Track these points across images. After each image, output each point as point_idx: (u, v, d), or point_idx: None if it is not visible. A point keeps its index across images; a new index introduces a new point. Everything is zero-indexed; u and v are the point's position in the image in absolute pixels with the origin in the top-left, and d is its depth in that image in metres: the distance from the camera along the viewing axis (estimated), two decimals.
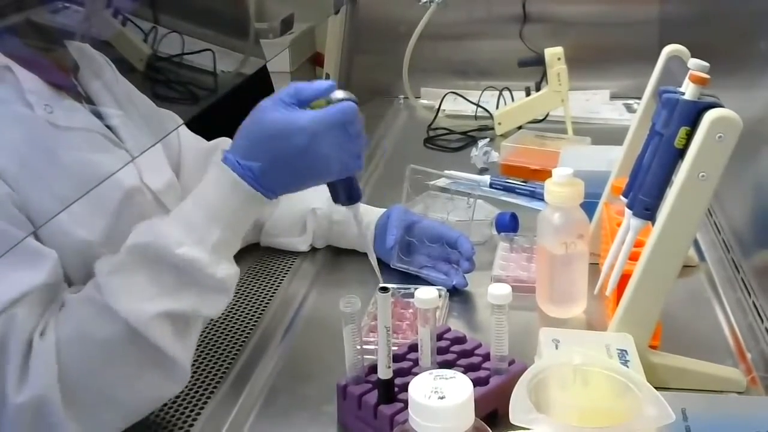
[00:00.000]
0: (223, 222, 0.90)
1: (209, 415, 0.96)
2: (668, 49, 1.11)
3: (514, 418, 0.70)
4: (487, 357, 0.94)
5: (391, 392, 0.88)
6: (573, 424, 0.72)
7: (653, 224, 0.95)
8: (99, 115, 1.01)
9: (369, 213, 1.28)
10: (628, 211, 0.98)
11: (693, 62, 0.96)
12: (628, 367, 0.87)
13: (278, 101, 0.93)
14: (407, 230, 1.24)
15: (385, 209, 1.28)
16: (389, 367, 0.87)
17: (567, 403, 0.76)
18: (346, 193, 0.98)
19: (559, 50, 1.79)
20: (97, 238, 0.91)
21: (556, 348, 0.92)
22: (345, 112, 0.92)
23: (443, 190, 1.55)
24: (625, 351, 0.91)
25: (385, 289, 0.84)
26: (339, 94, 0.95)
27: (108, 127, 1.00)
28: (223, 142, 1.28)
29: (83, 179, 0.88)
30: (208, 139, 1.27)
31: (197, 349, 0.94)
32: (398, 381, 0.88)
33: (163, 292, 0.86)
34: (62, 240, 0.88)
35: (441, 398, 0.61)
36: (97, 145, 0.96)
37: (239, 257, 0.95)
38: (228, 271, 0.90)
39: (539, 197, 1.47)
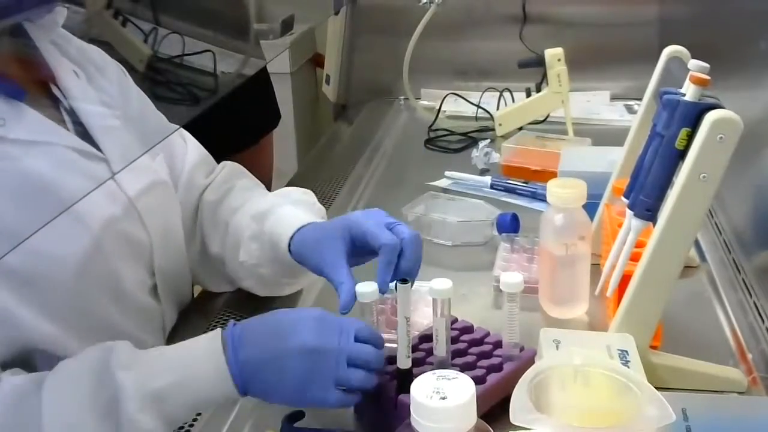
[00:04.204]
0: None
1: (211, 414, 0.96)
2: (668, 50, 1.11)
3: (514, 418, 0.70)
4: (497, 345, 0.95)
5: (411, 382, 0.88)
6: (573, 424, 0.72)
7: (654, 225, 0.95)
8: (81, 125, 0.95)
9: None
10: (629, 212, 0.98)
11: (693, 63, 0.96)
12: (628, 367, 0.87)
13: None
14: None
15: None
16: (408, 357, 0.88)
17: (567, 404, 0.76)
18: None
19: (559, 51, 1.79)
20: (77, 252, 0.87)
21: (557, 348, 0.92)
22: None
23: (444, 190, 1.55)
24: (626, 351, 0.91)
25: (405, 281, 0.88)
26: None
27: (90, 136, 0.95)
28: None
29: (41, 199, 0.83)
30: (210, 139, 1.27)
31: None
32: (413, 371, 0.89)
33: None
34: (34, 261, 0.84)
35: (443, 399, 0.61)
36: (61, 159, 0.89)
37: None
38: None
39: (540, 198, 1.47)
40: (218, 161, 1.29)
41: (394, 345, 0.90)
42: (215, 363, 0.82)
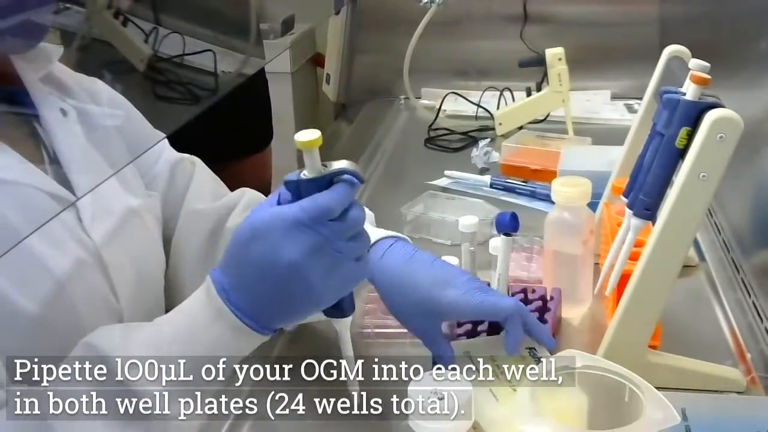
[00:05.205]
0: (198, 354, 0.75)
1: (209, 416, 0.95)
2: (669, 50, 1.11)
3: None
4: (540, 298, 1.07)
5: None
6: (575, 426, 0.72)
7: (653, 224, 0.95)
8: (59, 167, 0.87)
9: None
10: (628, 211, 0.98)
11: (694, 62, 0.96)
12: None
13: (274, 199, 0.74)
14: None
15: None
16: None
17: (569, 406, 0.76)
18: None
19: (559, 50, 1.79)
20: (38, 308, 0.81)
21: None
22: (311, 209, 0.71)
23: (444, 189, 1.55)
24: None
25: (508, 234, 0.96)
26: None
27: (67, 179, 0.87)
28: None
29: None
30: (210, 139, 1.26)
31: None
32: None
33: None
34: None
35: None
36: (29, 201, 0.82)
37: None
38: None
39: (540, 197, 1.47)
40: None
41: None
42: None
